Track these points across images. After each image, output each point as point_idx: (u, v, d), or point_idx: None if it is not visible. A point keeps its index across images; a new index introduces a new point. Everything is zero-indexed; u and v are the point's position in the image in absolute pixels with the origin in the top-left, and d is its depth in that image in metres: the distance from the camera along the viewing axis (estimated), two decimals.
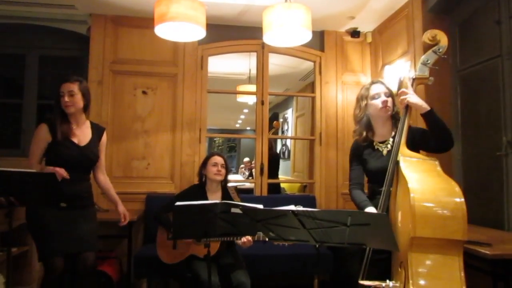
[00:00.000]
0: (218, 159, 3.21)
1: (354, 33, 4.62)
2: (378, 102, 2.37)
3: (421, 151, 2.32)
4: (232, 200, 3.12)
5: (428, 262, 1.82)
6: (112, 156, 4.16)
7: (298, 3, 3.01)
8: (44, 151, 2.62)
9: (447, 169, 3.47)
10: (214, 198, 3.17)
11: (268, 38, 3.20)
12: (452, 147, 2.26)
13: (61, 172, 2.47)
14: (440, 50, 2.26)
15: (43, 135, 2.60)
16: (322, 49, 4.66)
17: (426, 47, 2.30)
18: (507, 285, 2.52)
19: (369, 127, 2.46)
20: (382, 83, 2.45)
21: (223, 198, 3.19)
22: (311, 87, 5.36)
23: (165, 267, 3.07)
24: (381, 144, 2.40)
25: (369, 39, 4.65)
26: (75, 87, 2.62)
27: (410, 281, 1.78)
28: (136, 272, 3.56)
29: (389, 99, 2.38)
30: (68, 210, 2.57)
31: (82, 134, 2.71)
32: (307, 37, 3.18)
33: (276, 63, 5.45)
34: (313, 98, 4.72)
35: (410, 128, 2.28)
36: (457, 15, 3.57)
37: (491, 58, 3.15)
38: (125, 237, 3.75)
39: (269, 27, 3.06)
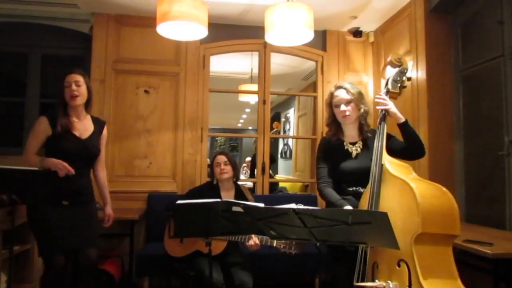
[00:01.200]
0: (219, 158, 3.22)
1: (356, 33, 4.62)
2: (338, 111, 2.45)
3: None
4: (245, 198, 3.14)
5: (429, 258, 1.90)
6: (114, 155, 4.17)
7: (300, 2, 3.01)
8: (41, 144, 2.59)
9: (449, 169, 3.52)
10: (228, 196, 3.19)
11: (270, 37, 3.20)
12: (423, 157, 2.41)
13: (64, 167, 2.44)
14: (405, 71, 2.44)
15: (42, 128, 2.57)
16: (324, 48, 4.66)
17: (392, 66, 2.46)
18: (508, 285, 2.53)
19: (338, 128, 2.52)
20: (344, 88, 2.46)
21: (236, 195, 3.21)
22: (313, 86, 5.36)
23: (167, 266, 3.08)
24: (351, 145, 2.46)
25: (371, 39, 4.65)
26: (81, 78, 2.62)
27: (420, 275, 1.83)
28: (138, 271, 3.57)
29: (349, 107, 2.42)
30: (70, 207, 2.55)
31: (83, 127, 2.69)
32: (309, 36, 3.18)
33: (278, 63, 5.45)
34: (315, 98, 4.73)
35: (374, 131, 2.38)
36: (460, 15, 3.56)
37: (494, 58, 3.14)
38: (126, 235, 3.76)
39: (271, 26, 3.06)
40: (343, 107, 2.42)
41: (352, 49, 4.71)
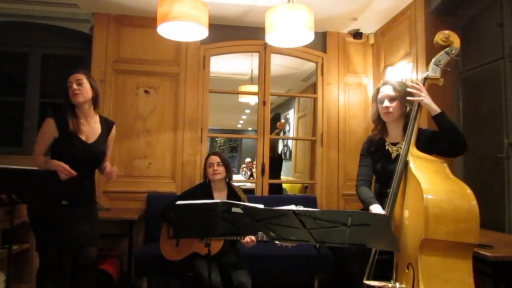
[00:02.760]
0: (212, 159, 3.21)
1: (357, 34, 4.63)
2: (380, 107, 2.39)
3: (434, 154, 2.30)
4: (238, 198, 3.14)
5: (438, 265, 1.81)
6: (114, 155, 4.15)
7: (301, 3, 3.01)
8: (48, 146, 2.59)
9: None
10: (220, 196, 3.18)
11: (271, 38, 3.20)
12: (465, 151, 2.23)
13: (67, 171, 2.42)
14: (453, 52, 2.24)
15: (49, 130, 2.57)
16: (324, 50, 4.66)
17: (438, 48, 2.27)
18: None
19: (383, 127, 2.47)
20: (391, 84, 2.41)
21: (228, 196, 3.19)
22: (313, 88, 5.36)
23: (166, 266, 3.07)
24: (392, 146, 2.41)
25: (371, 41, 4.65)
26: (83, 77, 2.61)
27: (420, 283, 1.77)
28: (137, 271, 3.57)
29: (393, 104, 2.35)
30: (70, 207, 2.55)
31: (91, 130, 2.67)
32: (310, 38, 3.18)
33: (278, 64, 5.46)
34: (315, 99, 4.73)
35: (422, 131, 2.28)
36: (460, 17, 3.56)
37: (493, 61, 3.15)
38: (126, 236, 3.76)
39: (271, 28, 3.06)
40: (386, 103, 2.35)
41: (352, 51, 4.71)
